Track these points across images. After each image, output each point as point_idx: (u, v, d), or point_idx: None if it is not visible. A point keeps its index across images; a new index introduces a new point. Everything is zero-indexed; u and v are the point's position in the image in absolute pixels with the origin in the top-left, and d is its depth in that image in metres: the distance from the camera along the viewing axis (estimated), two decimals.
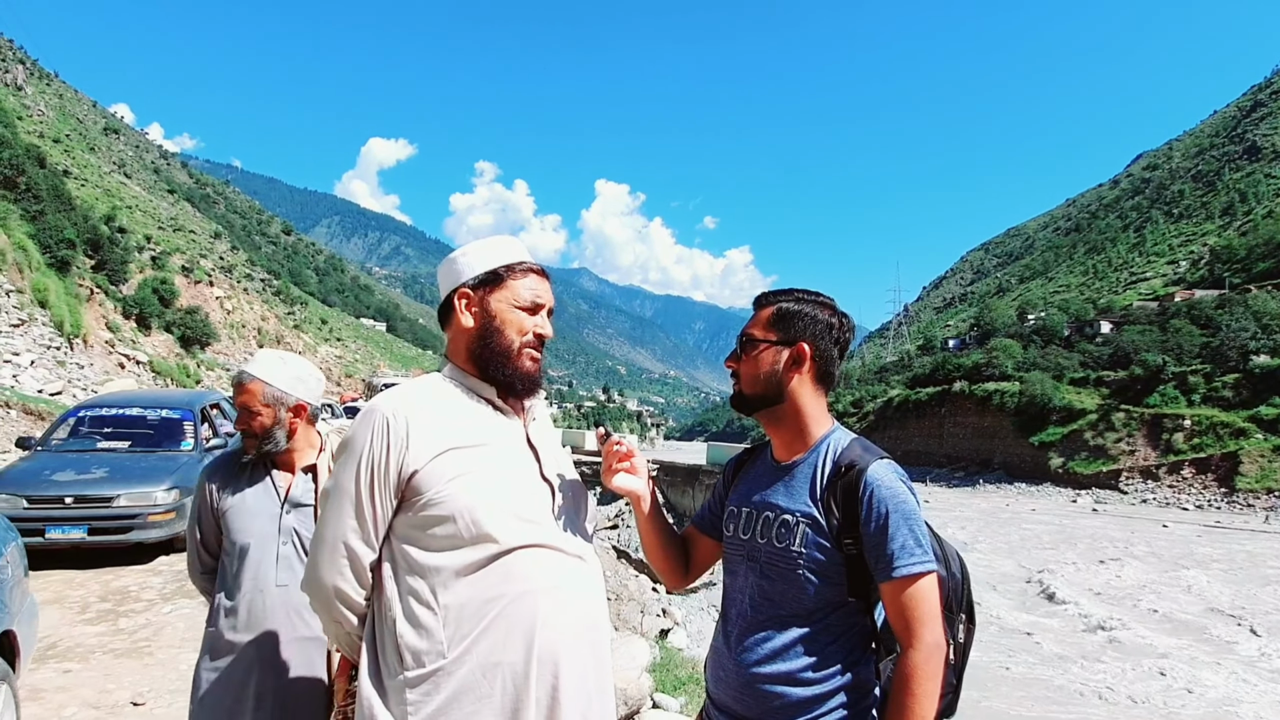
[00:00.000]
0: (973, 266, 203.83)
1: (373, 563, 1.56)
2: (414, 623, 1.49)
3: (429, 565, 1.50)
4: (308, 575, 1.61)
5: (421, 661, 1.47)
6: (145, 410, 8.86)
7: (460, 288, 1.64)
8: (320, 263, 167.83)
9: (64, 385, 19.66)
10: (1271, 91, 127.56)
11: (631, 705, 4.93)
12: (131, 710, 4.38)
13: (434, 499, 1.50)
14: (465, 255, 1.66)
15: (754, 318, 1.73)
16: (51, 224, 31.21)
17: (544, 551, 1.55)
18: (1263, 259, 66.84)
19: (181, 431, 8.65)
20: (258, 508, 2.27)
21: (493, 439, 1.59)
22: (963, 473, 59.35)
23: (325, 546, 1.56)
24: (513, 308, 1.62)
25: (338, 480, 1.56)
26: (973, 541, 28.96)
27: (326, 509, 1.58)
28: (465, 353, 1.65)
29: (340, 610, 1.58)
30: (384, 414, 1.53)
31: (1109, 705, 12.15)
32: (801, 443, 1.70)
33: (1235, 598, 19.81)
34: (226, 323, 57.67)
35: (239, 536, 2.23)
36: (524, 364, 1.62)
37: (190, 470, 7.91)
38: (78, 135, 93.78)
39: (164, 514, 7.49)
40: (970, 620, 1.77)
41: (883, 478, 1.57)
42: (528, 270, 1.66)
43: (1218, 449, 43.33)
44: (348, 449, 1.56)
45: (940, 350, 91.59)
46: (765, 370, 1.68)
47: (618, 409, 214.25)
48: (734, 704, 1.64)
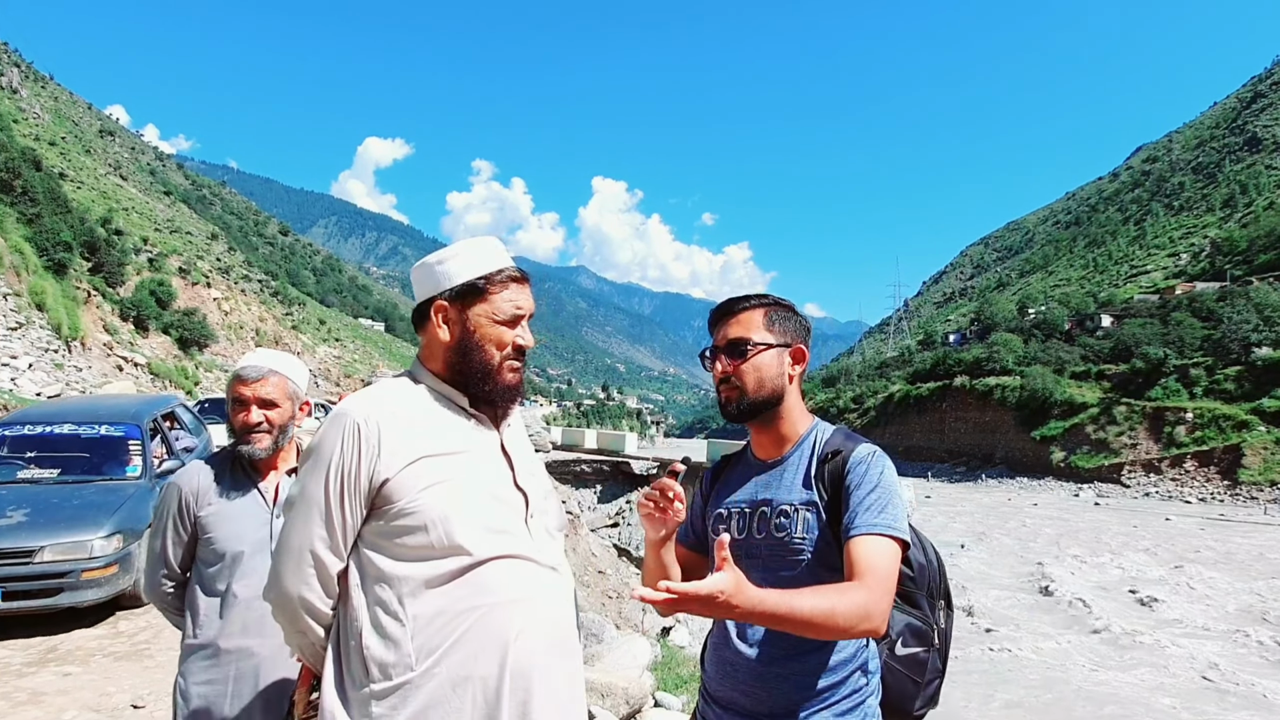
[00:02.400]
0: (973, 261, 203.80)
1: (340, 571, 1.51)
2: (381, 634, 1.44)
3: (398, 575, 1.46)
4: (272, 585, 1.54)
5: (388, 674, 1.43)
6: (79, 427, 6.90)
7: (437, 299, 1.58)
8: (318, 263, 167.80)
9: (62, 388, 19.59)
10: (1272, 82, 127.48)
11: (633, 704, 4.90)
12: (131, 713, 4.37)
13: (406, 508, 1.46)
14: (443, 264, 1.59)
15: (738, 322, 1.69)
16: (48, 226, 31.20)
17: (517, 562, 1.51)
18: (1264, 251, 66.85)
19: (125, 453, 6.81)
20: (245, 514, 2.20)
21: (467, 447, 1.55)
22: (964, 468, 59.39)
23: (291, 555, 1.50)
24: (493, 323, 1.57)
25: (304, 487, 1.50)
26: (975, 536, 28.95)
27: (293, 516, 1.52)
28: (442, 363, 1.59)
29: (306, 621, 1.53)
30: (354, 419, 1.48)
31: (1120, 704, 12.12)
32: (789, 440, 1.71)
33: (1239, 590, 19.80)
34: (224, 324, 57.60)
35: (228, 545, 2.15)
36: (505, 378, 1.58)
37: (139, 505, 6.21)
38: (73, 137, 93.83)
39: (103, 569, 5.64)
40: (949, 606, 1.81)
41: (866, 457, 1.60)
42: (508, 279, 1.59)
43: (1220, 442, 43.32)
44: (316, 454, 1.50)
45: (941, 345, 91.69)
46: (773, 373, 1.66)
47: (617, 407, 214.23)
48: (744, 699, 1.63)
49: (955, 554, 24.68)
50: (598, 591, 13.34)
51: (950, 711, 10.92)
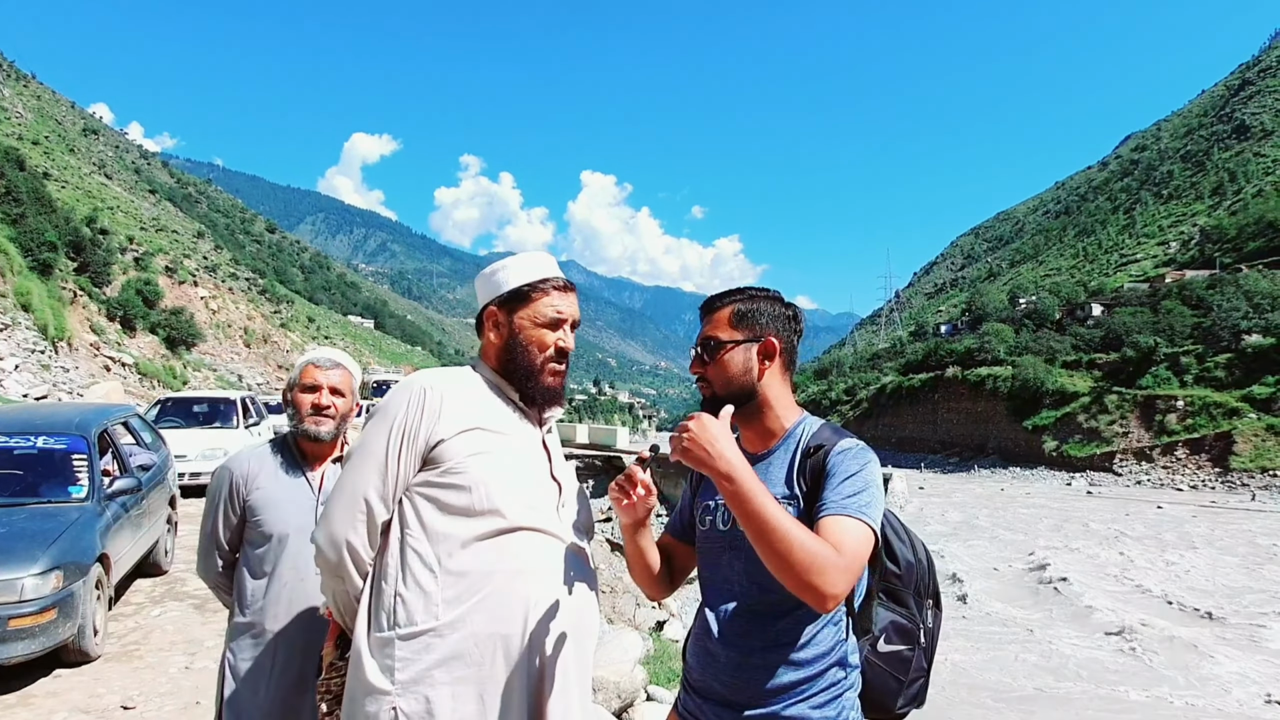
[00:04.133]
0: (963, 251, 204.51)
1: (385, 522, 1.63)
2: (413, 583, 1.56)
3: (437, 530, 1.59)
4: (322, 526, 1.66)
5: (414, 620, 1.54)
6: (10, 439, 5.76)
7: (489, 305, 1.75)
8: (305, 260, 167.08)
9: (49, 389, 19.52)
10: (1259, 70, 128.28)
11: (625, 698, 4.89)
12: (122, 714, 4.37)
13: (454, 468, 1.59)
14: (496, 274, 1.77)
15: (711, 321, 1.74)
16: (33, 226, 31.05)
17: (545, 537, 1.64)
18: (1253, 238, 67.36)
19: (68, 470, 5.67)
20: (292, 499, 2.32)
21: (513, 431, 1.70)
22: (957, 458, 59.68)
23: (344, 499, 1.63)
24: (535, 325, 1.72)
25: (366, 439, 1.64)
26: (969, 527, 29.07)
27: (352, 464, 1.66)
28: (495, 361, 1.76)
29: (347, 565, 1.63)
30: (422, 385, 1.65)
31: (1115, 700, 12.16)
32: (774, 433, 1.73)
33: (1230, 578, 19.92)
34: (212, 323, 57.29)
35: (275, 528, 2.28)
36: (546, 380, 1.73)
37: (84, 534, 5.07)
38: (57, 136, 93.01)
39: (36, 615, 4.47)
40: (937, 605, 1.84)
41: (848, 449, 1.61)
42: (551, 287, 1.74)
43: (1211, 429, 43.62)
44: (382, 412, 1.65)
45: (932, 336, 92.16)
46: (738, 370, 1.69)
47: (609, 401, 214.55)
48: (724, 690, 1.65)
49: (949, 544, 24.78)
50: None
51: (941, 697, 10.96)
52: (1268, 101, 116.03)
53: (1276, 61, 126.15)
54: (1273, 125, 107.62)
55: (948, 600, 17.14)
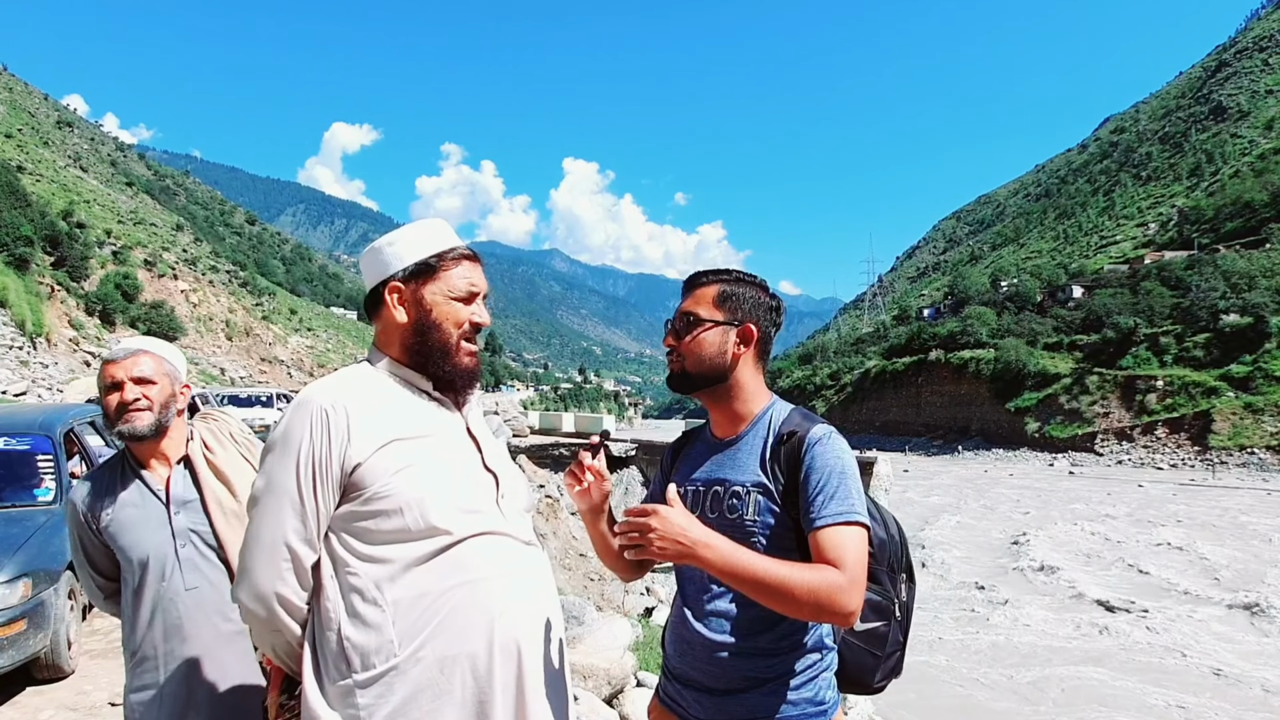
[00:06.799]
0: (945, 235, 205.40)
1: (313, 564, 1.48)
2: (360, 622, 1.42)
3: (374, 560, 1.44)
4: (243, 584, 1.49)
5: (371, 662, 1.40)
6: None
7: (390, 280, 1.56)
8: (286, 252, 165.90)
9: (28, 385, 19.34)
10: (1236, 51, 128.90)
11: (615, 685, 4.90)
12: (109, 710, 4.32)
13: (379, 492, 1.43)
14: (392, 245, 1.58)
15: (694, 296, 1.70)
16: (7, 221, 30.70)
17: (494, 539, 1.51)
18: (1230, 219, 67.86)
19: (33, 471, 5.35)
20: (141, 517, 2.10)
21: (434, 430, 1.54)
22: (941, 441, 60.16)
23: (263, 550, 1.46)
24: (449, 299, 1.56)
25: (272, 478, 1.46)
26: (953, 509, 29.30)
27: (261, 510, 1.47)
28: (399, 346, 1.58)
29: (282, 619, 1.48)
30: (321, 404, 1.45)
31: (1101, 673, 12.32)
32: (744, 418, 1.71)
33: (1215, 554, 20.20)
34: (193, 316, 56.83)
35: (133, 551, 2.08)
36: (462, 360, 1.57)
37: (52, 538, 4.81)
38: (30, 129, 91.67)
39: (4, 627, 4.16)
40: (910, 579, 1.83)
41: (822, 438, 1.59)
42: (460, 257, 1.58)
43: (1190, 409, 44.16)
44: (283, 443, 1.46)
45: (915, 320, 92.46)
46: (712, 350, 1.67)
47: (594, 389, 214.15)
48: (700, 676, 1.65)
49: (933, 527, 24.99)
50: (579, 574, 13.36)
51: (931, 677, 11.07)
52: (1244, 83, 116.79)
53: (1253, 43, 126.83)
54: (1249, 106, 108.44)
55: (928, 578, 17.43)
